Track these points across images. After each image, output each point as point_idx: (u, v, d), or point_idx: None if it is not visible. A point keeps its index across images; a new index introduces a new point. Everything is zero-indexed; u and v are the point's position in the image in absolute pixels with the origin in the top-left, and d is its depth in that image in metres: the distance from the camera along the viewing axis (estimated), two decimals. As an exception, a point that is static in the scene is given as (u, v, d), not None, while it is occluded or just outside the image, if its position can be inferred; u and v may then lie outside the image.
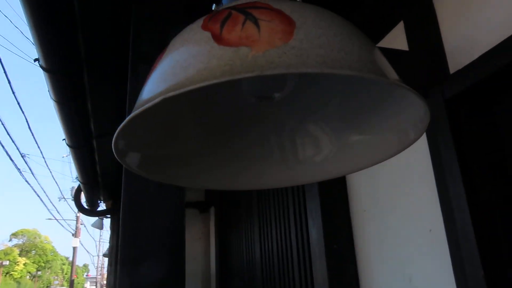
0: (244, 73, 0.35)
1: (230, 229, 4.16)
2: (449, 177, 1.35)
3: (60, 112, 2.47)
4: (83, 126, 2.88)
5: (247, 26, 0.39)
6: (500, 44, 1.22)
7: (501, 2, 1.25)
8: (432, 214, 1.46)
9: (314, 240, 2.05)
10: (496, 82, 1.30)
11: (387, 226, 1.72)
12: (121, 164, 0.56)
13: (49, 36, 1.70)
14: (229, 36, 0.39)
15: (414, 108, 0.50)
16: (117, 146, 0.53)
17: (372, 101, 0.58)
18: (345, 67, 0.36)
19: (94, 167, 3.90)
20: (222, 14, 0.42)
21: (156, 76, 0.43)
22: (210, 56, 0.39)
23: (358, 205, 1.94)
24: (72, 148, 3.10)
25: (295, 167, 0.68)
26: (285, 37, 0.38)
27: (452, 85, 1.38)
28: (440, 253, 1.41)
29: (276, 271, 2.74)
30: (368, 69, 0.38)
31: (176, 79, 0.39)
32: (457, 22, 1.43)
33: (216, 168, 0.68)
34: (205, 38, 0.41)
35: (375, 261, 1.79)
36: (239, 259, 3.75)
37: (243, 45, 0.38)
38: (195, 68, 0.39)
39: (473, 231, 1.23)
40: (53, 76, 2.04)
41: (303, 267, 2.32)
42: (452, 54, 1.46)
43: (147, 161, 0.61)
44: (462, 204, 1.28)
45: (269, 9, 0.41)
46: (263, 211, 3.13)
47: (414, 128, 0.53)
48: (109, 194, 5.43)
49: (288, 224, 2.58)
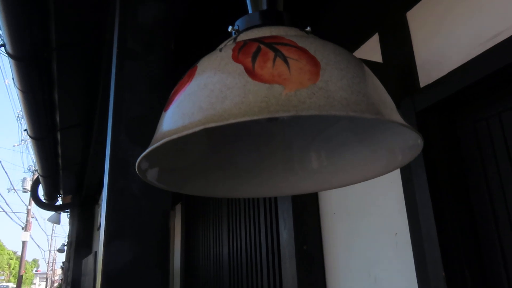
0: (282, 112, 0.38)
1: (197, 227, 4.14)
2: (417, 184, 1.44)
3: (25, 102, 2.36)
4: (47, 118, 2.77)
5: (277, 63, 0.42)
6: (467, 63, 1.32)
7: (471, 23, 1.35)
8: (398, 219, 1.55)
9: (285, 241, 2.10)
10: (461, 99, 1.41)
11: (355, 229, 1.80)
12: (141, 177, 0.56)
13: (19, 21, 1.62)
14: (262, 72, 0.42)
15: (409, 137, 0.55)
16: (141, 167, 0.55)
17: (371, 127, 0.63)
18: (365, 110, 0.40)
19: (56, 160, 3.74)
20: (251, 47, 0.45)
21: (188, 101, 0.45)
22: (245, 90, 0.41)
23: (328, 208, 2.01)
24: (35, 139, 2.96)
25: (295, 178, 0.72)
26: (312, 77, 0.41)
27: (423, 98, 1.47)
28: (404, 255, 1.50)
29: (244, 271, 2.77)
30: (384, 111, 0.43)
31: (214, 110, 0.41)
32: (429, 38, 1.53)
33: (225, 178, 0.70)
34: (238, 70, 0.43)
35: (342, 262, 1.87)
36: (205, 258, 3.75)
37: (276, 83, 0.41)
38: (233, 101, 0.41)
39: (437, 235, 1.33)
40: (20, 64, 1.94)
41: (271, 267, 2.37)
42: (423, 68, 1.56)
43: (164, 175, 0.62)
44: (428, 210, 1.38)
45: (295, 47, 0.44)
46: (232, 210, 3.15)
47: (405, 154, 0.58)
48: (70, 189, 5.23)
49: (258, 225, 2.62)
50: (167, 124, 0.47)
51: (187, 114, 0.44)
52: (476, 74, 1.27)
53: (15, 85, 2.19)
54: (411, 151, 0.58)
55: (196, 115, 0.42)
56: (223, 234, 3.28)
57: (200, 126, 0.41)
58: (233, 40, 0.55)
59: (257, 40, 0.47)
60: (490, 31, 1.27)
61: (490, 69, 1.23)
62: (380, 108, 0.43)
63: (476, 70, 1.28)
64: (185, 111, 0.44)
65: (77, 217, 6.02)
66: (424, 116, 1.48)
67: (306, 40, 0.47)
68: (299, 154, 0.73)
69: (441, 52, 1.47)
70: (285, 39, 0.47)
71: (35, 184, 5.42)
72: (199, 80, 0.47)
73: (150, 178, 0.59)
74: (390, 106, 0.47)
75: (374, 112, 0.42)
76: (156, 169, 0.60)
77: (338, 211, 1.94)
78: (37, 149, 3.31)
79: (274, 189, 0.73)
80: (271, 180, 0.74)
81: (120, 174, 1.05)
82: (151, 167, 0.59)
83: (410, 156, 0.59)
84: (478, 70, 1.27)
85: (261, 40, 0.47)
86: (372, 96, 0.44)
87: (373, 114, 0.42)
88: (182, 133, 0.42)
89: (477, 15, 1.33)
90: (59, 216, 7.69)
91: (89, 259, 5.42)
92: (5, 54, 1.86)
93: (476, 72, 1.28)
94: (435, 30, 1.50)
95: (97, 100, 2.56)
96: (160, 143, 0.44)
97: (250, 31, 0.57)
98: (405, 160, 0.61)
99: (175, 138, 0.43)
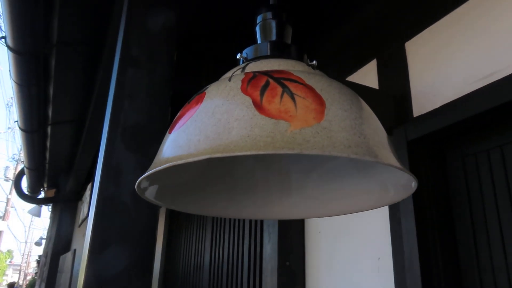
0: (286, 149, 0.39)
1: (180, 231, 4.11)
2: (403, 212, 1.46)
3: (19, 95, 2.33)
4: (40, 111, 2.74)
5: (285, 100, 0.44)
6: (460, 98, 1.36)
7: (467, 60, 1.39)
8: (382, 244, 1.57)
9: (268, 255, 2.10)
10: (452, 132, 1.45)
11: (339, 250, 1.82)
12: (138, 194, 0.57)
13: (24, 17, 1.62)
14: (269, 107, 0.43)
15: (402, 177, 0.57)
16: (140, 186, 0.55)
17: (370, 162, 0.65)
18: (366, 153, 0.42)
19: (44, 153, 3.70)
20: (260, 81, 0.46)
21: (195, 128, 0.45)
22: (252, 124, 0.43)
23: (314, 227, 2.02)
24: (25, 132, 2.93)
25: (289, 202, 0.73)
26: (317, 116, 0.43)
27: (415, 128, 1.51)
28: (386, 280, 1.52)
29: (224, 281, 2.76)
30: (382, 154, 0.45)
31: (221, 140, 0.42)
32: (425, 69, 1.57)
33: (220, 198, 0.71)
34: (247, 103, 0.45)
35: (324, 281, 1.88)
36: (186, 264, 3.72)
37: (282, 119, 0.42)
38: (239, 133, 0.42)
39: (419, 263, 1.35)
40: (19, 57, 1.93)
41: (252, 280, 2.37)
42: (417, 98, 1.60)
43: (161, 193, 0.63)
44: (412, 238, 1.40)
45: (302, 84, 0.46)
46: (218, 218, 3.15)
47: (397, 192, 0.61)
48: (54, 183, 5.15)
49: (243, 236, 2.61)
50: (171, 148, 0.47)
51: (193, 141, 0.44)
52: (468, 110, 1.31)
53: (11, 77, 2.17)
54: (404, 190, 0.60)
55: (202, 143, 0.43)
56: (206, 241, 3.26)
57: (206, 155, 0.41)
58: (241, 69, 0.57)
59: (266, 74, 0.49)
60: (485, 69, 1.32)
61: (483, 107, 1.26)
62: (378, 150, 0.45)
63: (468, 106, 1.32)
64: (191, 137, 0.45)
65: (59, 212, 5.92)
66: (415, 145, 1.51)
67: (313, 78, 0.49)
68: (296, 177, 0.74)
69: (436, 84, 1.51)
70: (293, 75, 0.48)
71: (19, 176, 5.33)
72: (207, 107, 0.47)
73: (148, 196, 0.59)
74: (387, 147, 0.48)
75: (373, 155, 0.43)
76: (155, 187, 0.61)
77: (323, 230, 1.95)
78: (26, 142, 3.27)
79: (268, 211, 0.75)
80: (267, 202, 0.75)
81: (111, 181, 1.05)
82: (149, 185, 0.59)
83: (402, 195, 0.61)
84: (470, 107, 1.31)
85: (270, 74, 0.48)
86: (372, 138, 0.46)
87: (373, 157, 0.43)
88: (187, 160, 0.43)
89: (473, 53, 1.38)
90: (40, 209, 7.55)
91: (67, 256, 5.33)
92: (5, 45, 1.85)
93: (468, 108, 1.32)
94: (432, 62, 1.55)
95: (91, 99, 2.55)
96: (164, 166, 0.45)
97: (259, 62, 0.59)
98: (397, 198, 0.63)
99: (180, 164, 0.43)
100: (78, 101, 2.69)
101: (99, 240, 0.99)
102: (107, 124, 1.10)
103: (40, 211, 7.67)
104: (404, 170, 0.47)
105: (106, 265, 0.96)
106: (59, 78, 2.28)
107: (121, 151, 1.07)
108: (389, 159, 0.45)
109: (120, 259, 0.97)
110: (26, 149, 3.49)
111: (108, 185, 1.04)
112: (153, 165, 0.49)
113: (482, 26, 1.36)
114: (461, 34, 1.43)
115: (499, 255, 1.26)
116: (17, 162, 20.29)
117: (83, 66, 2.23)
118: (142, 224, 1.04)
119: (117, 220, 1.01)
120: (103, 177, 1.04)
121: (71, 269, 4.65)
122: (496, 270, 1.26)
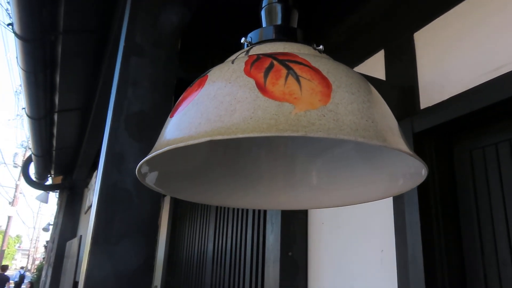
0: (290, 131, 0.37)
1: (184, 219, 4.14)
2: (407, 204, 1.45)
3: (26, 82, 2.34)
4: (46, 99, 2.76)
5: (289, 82, 0.42)
6: (469, 91, 1.34)
7: (476, 51, 1.36)
8: (386, 236, 1.57)
9: (270, 245, 2.11)
10: (460, 125, 1.42)
11: (342, 241, 1.82)
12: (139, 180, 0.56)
13: (31, 4, 1.61)
14: (273, 89, 0.42)
15: (412, 165, 0.56)
16: (140, 171, 0.55)
17: (377, 149, 0.63)
18: (373, 137, 0.40)
19: (51, 140, 3.73)
20: (264, 63, 0.45)
21: (196, 111, 0.45)
22: (255, 106, 0.41)
23: (317, 217, 2.02)
24: (32, 119, 2.95)
25: (295, 193, 0.72)
26: (323, 99, 0.41)
27: (422, 120, 1.49)
28: (388, 273, 1.52)
29: (227, 269, 2.78)
30: (391, 139, 0.43)
31: (222, 123, 0.41)
32: (434, 60, 1.54)
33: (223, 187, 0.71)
34: (249, 85, 0.43)
35: (326, 272, 1.88)
36: (190, 252, 3.75)
37: (286, 101, 0.41)
38: (241, 115, 0.41)
39: (422, 257, 1.34)
40: (26, 44, 1.93)
41: (255, 269, 2.38)
42: (425, 90, 1.57)
43: (163, 180, 0.62)
44: (415, 231, 1.39)
45: (308, 67, 0.44)
46: (221, 208, 3.16)
47: (406, 181, 0.59)
48: (61, 170, 5.20)
49: (246, 225, 2.62)
50: (172, 131, 0.46)
51: (193, 124, 0.44)
52: (477, 103, 1.29)
53: (18, 64, 2.18)
54: (413, 178, 0.58)
55: (203, 126, 0.42)
56: (210, 230, 3.28)
57: (207, 137, 0.40)
58: (245, 52, 0.55)
59: (270, 56, 0.47)
60: (494, 62, 1.29)
61: (491, 100, 1.24)
62: (387, 135, 0.44)
63: (477, 99, 1.29)
64: (192, 120, 0.44)
65: (66, 199, 5.99)
66: (422, 138, 1.50)
67: (319, 61, 0.48)
68: (301, 167, 0.73)
69: (445, 76, 1.48)
70: (298, 57, 0.47)
71: (27, 162, 5.39)
72: (209, 90, 0.46)
73: (149, 182, 0.59)
74: (397, 133, 0.47)
75: (381, 139, 0.42)
76: (155, 174, 0.60)
77: (326, 222, 1.95)
78: (33, 129, 3.29)
79: (272, 201, 0.74)
80: (271, 191, 0.74)
81: (115, 169, 1.05)
82: (150, 171, 0.59)
83: (412, 184, 0.59)
84: (479, 99, 1.28)
85: (274, 56, 0.47)
86: (380, 123, 0.44)
87: (381, 141, 0.42)
88: (187, 143, 0.42)
89: (483, 44, 1.35)
90: (47, 195, 7.65)
91: (73, 242, 5.40)
92: (12, 32, 1.85)
93: (477, 100, 1.29)
94: (440, 53, 1.52)
95: (97, 86, 2.55)
96: (164, 149, 0.44)
97: (263, 45, 0.57)
98: (406, 187, 0.61)
99: (180, 146, 0.42)
100: (84, 88, 2.69)
101: (103, 226, 0.99)
102: (111, 111, 1.10)
103: (48, 198, 7.77)
104: (414, 156, 0.46)
105: (110, 251, 0.97)
106: (65, 66, 2.29)
107: (124, 138, 1.07)
108: (398, 144, 0.44)
109: (124, 244, 0.98)
110: (33, 136, 3.52)
111: (111, 172, 1.04)
112: (153, 149, 0.48)
113: (492, 17, 1.33)
114: (471, 25, 1.40)
115: (505, 249, 1.24)
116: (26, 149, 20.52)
117: (89, 54, 2.23)
118: (145, 211, 1.04)
119: (120, 207, 1.01)
120: (107, 164, 1.04)
121: (77, 254, 4.72)
122: (501, 265, 1.25)
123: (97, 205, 1.02)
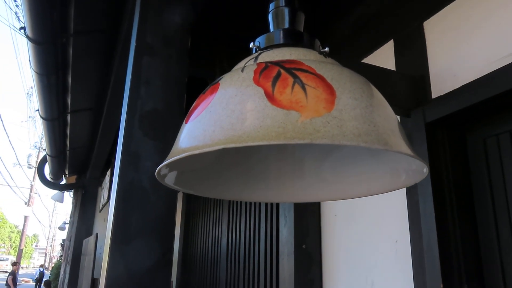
0: (297, 139, 0.40)
1: (197, 215, 4.19)
2: (421, 194, 1.45)
3: (39, 84, 2.39)
4: (59, 100, 2.80)
5: (296, 90, 0.45)
6: (481, 78, 1.32)
7: (488, 38, 1.35)
8: (400, 226, 1.57)
9: (284, 238, 2.12)
10: (472, 113, 1.41)
11: (356, 233, 1.82)
12: (157, 179, 0.58)
13: (42, 7, 1.64)
14: (281, 98, 0.45)
15: (414, 163, 0.58)
16: (160, 173, 0.57)
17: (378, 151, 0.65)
18: (375, 141, 0.43)
19: (64, 141, 3.79)
20: (271, 71, 0.47)
21: (209, 118, 0.47)
22: (264, 114, 0.44)
23: (330, 210, 2.03)
24: (45, 120, 3.00)
25: (302, 185, 0.74)
26: (328, 106, 0.44)
27: (433, 109, 1.48)
28: (403, 263, 1.52)
29: (241, 264, 2.81)
30: (392, 141, 0.45)
31: (234, 131, 0.44)
32: (444, 49, 1.53)
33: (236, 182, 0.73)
34: (259, 94, 0.46)
35: (340, 264, 1.89)
36: (204, 247, 3.80)
37: (293, 109, 0.44)
38: (252, 124, 0.44)
39: (437, 246, 1.34)
40: (39, 47, 1.97)
41: (269, 263, 2.40)
42: (436, 80, 1.56)
43: (180, 178, 0.65)
44: (430, 220, 1.39)
45: (313, 74, 0.47)
46: (234, 202, 3.18)
47: (408, 176, 0.61)
48: (75, 169, 5.30)
49: (259, 219, 2.64)
50: (188, 137, 0.50)
51: (208, 131, 0.46)
52: (489, 91, 1.28)
53: (31, 67, 2.22)
54: (415, 174, 0.60)
55: (217, 134, 0.45)
56: (223, 225, 3.31)
57: (220, 145, 0.44)
58: (254, 59, 0.58)
59: (277, 64, 0.50)
60: (507, 48, 1.27)
61: (504, 87, 1.23)
62: (389, 137, 0.46)
63: (489, 87, 1.28)
64: (206, 127, 0.47)
65: (81, 198, 6.10)
66: (434, 127, 1.49)
67: (324, 67, 0.50)
68: (309, 162, 0.75)
69: (456, 64, 1.47)
70: (304, 64, 0.49)
71: (42, 163, 5.50)
72: (221, 98, 0.49)
73: (168, 182, 0.61)
74: (398, 134, 0.49)
75: (383, 142, 0.44)
76: (174, 174, 0.63)
77: (339, 214, 1.96)
78: (47, 130, 3.36)
79: (281, 194, 0.76)
80: (281, 185, 0.76)
81: (131, 167, 1.07)
82: (168, 172, 0.61)
83: (414, 180, 0.61)
84: (491, 87, 1.27)
85: (281, 65, 0.49)
86: (382, 126, 0.47)
87: (382, 145, 0.44)
88: (203, 150, 0.45)
89: (494, 31, 1.33)
90: (62, 194, 7.80)
91: (90, 239, 5.51)
92: (24, 36, 1.88)
93: (489, 88, 1.28)
94: (451, 41, 1.50)
95: (109, 86, 2.59)
96: (181, 156, 0.47)
97: (271, 51, 0.60)
98: (408, 182, 0.63)
99: (196, 153, 0.45)
100: (96, 89, 2.73)
101: (121, 224, 1.02)
102: (125, 111, 1.12)
103: (63, 197, 7.92)
104: (414, 157, 0.48)
105: (129, 248, 0.99)
106: (76, 67, 2.32)
107: (139, 137, 1.10)
108: (399, 146, 0.46)
109: (142, 241, 1.00)
110: (48, 137, 3.59)
111: (128, 171, 1.06)
112: (171, 154, 0.51)
113: (503, 3, 1.31)
114: (482, 12, 1.38)
115: (520, 237, 1.24)
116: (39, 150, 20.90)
117: (99, 55, 2.26)
118: (161, 208, 1.06)
119: (137, 204, 1.03)
120: (123, 163, 1.07)
121: (94, 251, 4.82)
122: (517, 253, 1.24)
123: (115, 204, 1.04)
